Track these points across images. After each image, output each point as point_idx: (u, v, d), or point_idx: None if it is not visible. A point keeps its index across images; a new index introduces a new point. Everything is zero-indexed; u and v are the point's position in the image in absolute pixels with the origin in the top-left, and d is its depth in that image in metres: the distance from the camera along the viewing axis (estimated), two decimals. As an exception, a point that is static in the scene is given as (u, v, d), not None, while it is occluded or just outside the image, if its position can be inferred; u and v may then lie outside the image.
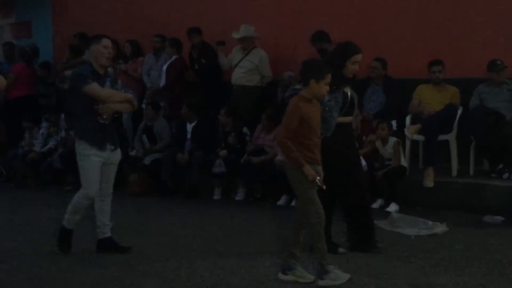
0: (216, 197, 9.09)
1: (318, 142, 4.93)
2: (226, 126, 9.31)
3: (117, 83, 5.99)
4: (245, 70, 9.79)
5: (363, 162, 8.06)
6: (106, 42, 5.78)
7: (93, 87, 5.64)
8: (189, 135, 9.67)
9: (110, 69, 10.99)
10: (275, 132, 8.90)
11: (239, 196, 9.01)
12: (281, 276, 4.97)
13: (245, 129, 9.28)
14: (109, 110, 5.74)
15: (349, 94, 5.67)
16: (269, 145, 8.93)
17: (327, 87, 4.92)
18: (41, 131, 11.23)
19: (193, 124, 9.67)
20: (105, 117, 5.73)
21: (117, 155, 5.92)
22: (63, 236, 5.96)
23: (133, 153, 10.35)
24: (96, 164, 5.74)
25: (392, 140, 8.06)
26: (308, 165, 4.80)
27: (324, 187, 4.86)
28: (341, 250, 5.76)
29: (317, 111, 4.97)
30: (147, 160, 9.75)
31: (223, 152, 9.11)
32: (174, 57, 10.43)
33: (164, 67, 10.37)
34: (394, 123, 8.40)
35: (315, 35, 9.08)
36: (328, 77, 4.90)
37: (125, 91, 5.92)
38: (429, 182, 7.82)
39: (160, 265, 5.55)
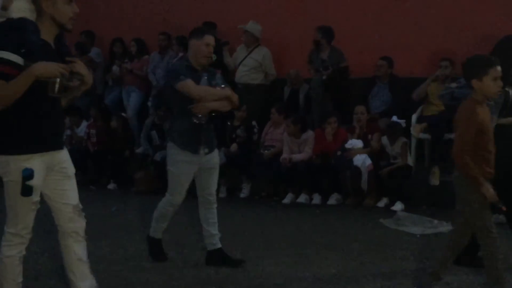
0: (221, 195, 9.10)
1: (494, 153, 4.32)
2: (237, 120, 9.32)
3: (215, 78, 5.26)
4: (248, 68, 9.81)
5: (368, 161, 8.11)
6: (208, 39, 5.16)
7: (186, 84, 5.05)
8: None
9: (115, 68, 11.10)
10: (284, 126, 8.96)
11: (244, 193, 9.03)
12: None
13: (253, 122, 9.35)
14: (204, 109, 5.11)
15: (510, 93, 5.06)
16: (278, 139, 8.98)
17: (499, 83, 4.23)
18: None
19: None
20: (200, 116, 5.12)
21: (215, 158, 5.30)
22: (154, 247, 5.56)
23: (139, 150, 10.38)
24: (186, 171, 5.18)
25: (401, 140, 8.06)
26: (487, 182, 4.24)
27: (504, 208, 4.39)
28: None
29: (489, 115, 4.37)
30: (157, 156, 9.74)
31: (234, 146, 9.14)
32: (180, 54, 10.44)
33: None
34: (402, 123, 8.38)
35: (323, 28, 9.18)
36: (495, 71, 4.20)
37: (224, 87, 5.22)
38: (435, 181, 7.81)
39: (165, 262, 5.56)
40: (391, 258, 5.65)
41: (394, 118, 8.31)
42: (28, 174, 3.60)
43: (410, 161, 8.17)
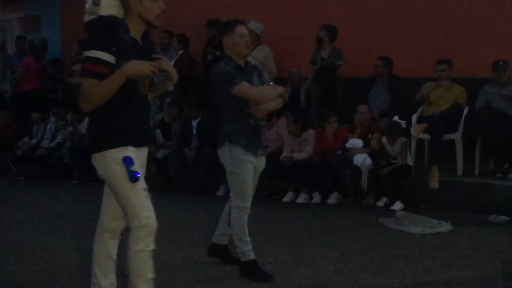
0: (219, 193, 9.07)
1: None
2: None
3: (263, 76, 5.10)
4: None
5: (368, 161, 8.13)
6: (241, 29, 4.94)
7: (243, 88, 4.81)
8: (194, 131, 9.70)
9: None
10: (276, 128, 9.00)
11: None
12: None
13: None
14: (265, 111, 4.92)
15: None
16: (272, 140, 9.00)
17: None
18: (48, 126, 11.29)
19: (198, 120, 9.71)
20: (259, 118, 4.94)
21: (263, 162, 5.13)
22: (253, 269, 5.03)
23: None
24: (251, 171, 4.95)
25: (401, 140, 8.08)
26: None
27: None
28: None
29: None
30: (159, 154, 9.78)
31: None
32: (180, 52, 10.45)
33: (172, 63, 10.38)
34: (403, 124, 8.39)
35: (328, 26, 9.22)
36: None
37: (272, 84, 5.02)
38: (433, 184, 7.83)
39: (165, 259, 5.58)
40: (390, 257, 5.66)
41: (396, 118, 8.33)
42: (129, 161, 3.61)
43: (410, 161, 8.18)
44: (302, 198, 8.48)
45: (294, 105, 9.46)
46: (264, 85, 4.99)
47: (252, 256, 5.01)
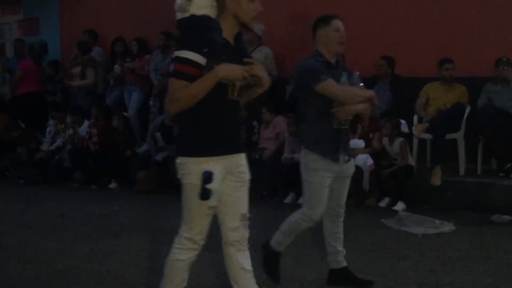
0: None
1: None
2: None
3: (354, 77, 4.61)
4: None
5: (370, 161, 8.09)
6: (337, 23, 4.66)
7: (329, 85, 4.43)
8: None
9: (116, 67, 11.10)
10: (272, 127, 8.99)
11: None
12: None
13: (254, 123, 9.36)
14: (349, 113, 4.56)
15: None
16: (270, 138, 8.99)
17: None
18: (48, 129, 11.27)
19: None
20: (342, 121, 4.57)
21: (351, 167, 4.76)
22: (272, 259, 4.92)
23: (141, 150, 10.38)
24: (327, 181, 4.57)
25: (399, 140, 8.05)
26: None
27: None
28: None
29: None
30: (159, 157, 9.76)
31: None
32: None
33: (172, 65, 10.35)
34: (404, 124, 8.35)
35: None
36: None
37: (362, 86, 4.63)
38: (436, 181, 7.80)
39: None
40: (393, 258, 5.64)
41: (402, 122, 8.31)
42: (207, 177, 3.45)
43: (412, 161, 8.15)
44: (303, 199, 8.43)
45: (295, 105, 9.42)
46: (354, 86, 4.56)
47: (281, 249, 4.87)
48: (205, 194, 3.46)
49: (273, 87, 9.94)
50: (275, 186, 8.88)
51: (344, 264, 4.83)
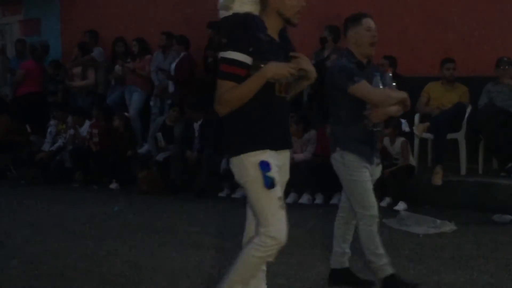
0: (223, 194, 9.09)
1: None
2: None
3: (386, 77, 4.51)
4: None
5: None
6: (368, 22, 4.55)
7: (362, 87, 4.32)
8: (196, 133, 9.68)
9: (117, 67, 11.10)
10: None
11: (237, 194, 9.00)
12: None
13: None
14: (382, 116, 4.44)
15: None
16: None
17: None
18: (49, 130, 11.27)
19: (200, 122, 9.68)
20: (376, 123, 4.47)
21: (378, 172, 4.75)
22: (395, 284, 4.55)
23: (142, 150, 10.38)
24: (369, 177, 4.53)
25: (400, 140, 8.04)
26: None
27: None
28: None
29: None
30: (160, 157, 9.77)
31: None
32: (182, 53, 10.43)
33: (173, 65, 10.38)
34: (405, 123, 8.35)
35: (331, 27, 9.21)
36: None
37: (395, 87, 4.51)
38: (437, 180, 7.80)
39: (168, 262, 5.56)
40: (394, 258, 5.59)
41: (403, 121, 8.31)
42: (266, 166, 3.41)
43: (413, 161, 8.15)
44: (304, 199, 8.44)
45: (296, 106, 9.42)
46: (386, 87, 4.45)
47: (389, 270, 4.51)
48: (269, 182, 3.40)
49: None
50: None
51: (347, 265, 4.79)
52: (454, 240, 6.25)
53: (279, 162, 3.53)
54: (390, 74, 4.51)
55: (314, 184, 8.50)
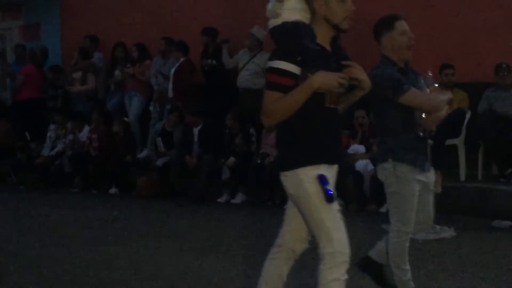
0: (222, 200, 9.09)
1: None
2: (233, 129, 9.34)
3: (427, 79, 4.36)
4: (250, 72, 9.79)
5: (371, 167, 8.10)
6: (401, 25, 4.32)
7: (413, 95, 4.15)
8: (196, 139, 9.69)
9: (117, 72, 11.11)
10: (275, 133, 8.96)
11: (237, 199, 9.01)
12: None
13: (251, 130, 9.33)
14: (436, 121, 4.29)
15: None
16: (271, 145, 8.99)
17: None
18: (48, 134, 11.28)
19: (199, 127, 9.69)
20: (429, 130, 4.33)
21: (433, 174, 4.53)
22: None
23: (141, 155, 10.38)
24: (417, 192, 4.33)
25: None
26: None
27: None
28: None
29: None
30: (159, 162, 9.79)
31: (230, 161, 9.11)
32: (181, 59, 10.44)
33: (172, 71, 10.38)
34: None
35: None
36: None
37: (438, 87, 4.35)
38: (437, 187, 7.78)
39: (167, 267, 5.55)
40: (394, 263, 5.62)
41: None
42: (324, 179, 3.30)
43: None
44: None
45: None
46: (430, 89, 4.27)
47: (411, 285, 4.42)
48: (329, 196, 3.30)
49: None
50: (273, 191, 8.88)
51: (383, 262, 4.63)
52: (453, 246, 6.25)
53: (331, 176, 3.43)
54: (431, 74, 4.39)
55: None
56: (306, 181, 3.32)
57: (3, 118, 12.12)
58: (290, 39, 3.29)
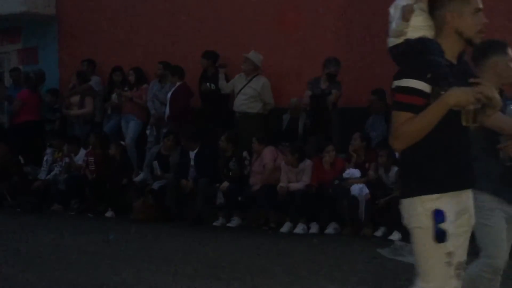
0: (218, 223, 9.11)
1: None
2: (227, 151, 9.38)
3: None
4: (247, 97, 9.83)
5: (366, 191, 8.13)
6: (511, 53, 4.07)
7: (498, 119, 3.80)
8: (192, 162, 9.70)
9: (114, 96, 11.17)
10: (260, 158, 9.02)
11: (233, 223, 9.03)
12: None
13: (244, 153, 9.37)
14: None
15: None
16: (256, 171, 9.03)
17: None
18: (45, 158, 11.29)
19: (196, 151, 9.71)
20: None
21: None
22: None
23: (137, 178, 10.39)
24: (504, 222, 4.04)
25: (395, 169, 8.08)
26: None
27: None
28: None
29: None
30: (155, 185, 9.80)
31: (223, 186, 9.14)
32: (178, 83, 10.49)
33: (169, 95, 10.42)
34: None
35: (328, 59, 9.23)
36: None
37: None
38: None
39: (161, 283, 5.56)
40: None
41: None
42: (440, 216, 3.06)
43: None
44: (299, 229, 8.45)
45: (292, 135, 9.47)
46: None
47: None
48: (440, 235, 3.06)
49: (267, 117, 10.06)
50: (267, 216, 8.91)
51: None
52: None
53: (458, 206, 3.15)
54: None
55: (309, 213, 8.53)
56: (422, 213, 3.13)
57: (1, 141, 12.13)
58: (418, 56, 3.11)
